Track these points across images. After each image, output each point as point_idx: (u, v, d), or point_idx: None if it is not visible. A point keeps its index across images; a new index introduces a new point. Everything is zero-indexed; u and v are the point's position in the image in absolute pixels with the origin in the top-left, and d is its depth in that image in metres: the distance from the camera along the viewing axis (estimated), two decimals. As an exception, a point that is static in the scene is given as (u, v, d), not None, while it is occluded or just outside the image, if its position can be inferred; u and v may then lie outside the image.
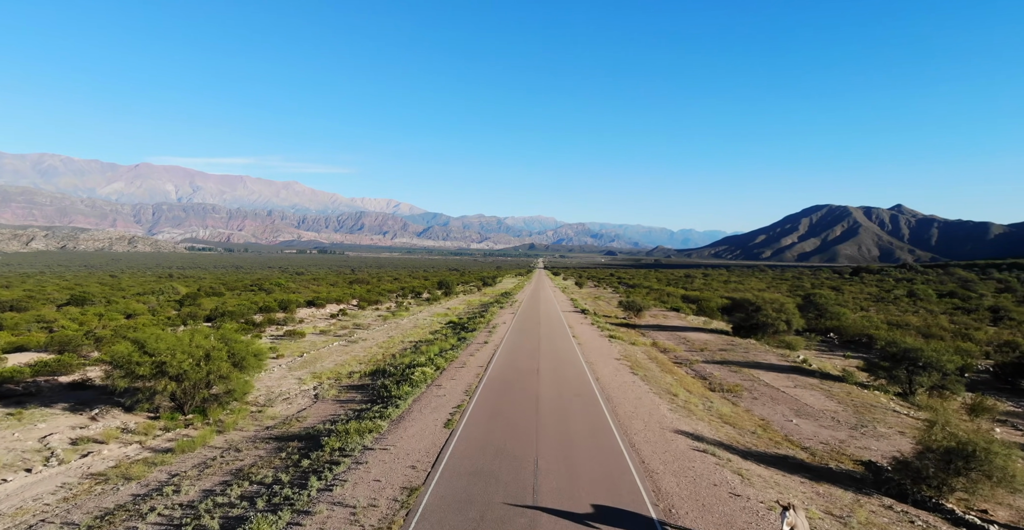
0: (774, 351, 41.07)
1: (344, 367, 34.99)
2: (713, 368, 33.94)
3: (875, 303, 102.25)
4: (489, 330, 47.56)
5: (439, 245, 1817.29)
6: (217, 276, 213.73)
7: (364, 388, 27.87)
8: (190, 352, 22.41)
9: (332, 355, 39.73)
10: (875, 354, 52.68)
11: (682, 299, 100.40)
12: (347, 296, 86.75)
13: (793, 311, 48.29)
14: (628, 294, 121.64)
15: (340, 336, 49.74)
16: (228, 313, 55.51)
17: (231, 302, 79.80)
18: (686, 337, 48.40)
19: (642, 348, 40.69)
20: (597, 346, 38.82)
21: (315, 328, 54.54)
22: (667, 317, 66.71)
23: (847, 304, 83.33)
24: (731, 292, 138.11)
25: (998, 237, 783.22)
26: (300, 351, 40.81)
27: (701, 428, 19.81)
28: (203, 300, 77.31)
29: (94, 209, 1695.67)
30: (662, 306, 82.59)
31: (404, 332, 53.25)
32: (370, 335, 50.69)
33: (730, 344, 44.38)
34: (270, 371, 33.07)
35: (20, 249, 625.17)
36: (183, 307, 73.58)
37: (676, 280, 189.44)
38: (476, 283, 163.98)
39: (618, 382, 26.38)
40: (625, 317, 65.72)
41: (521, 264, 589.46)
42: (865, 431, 21.58)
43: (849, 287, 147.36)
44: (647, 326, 57.67)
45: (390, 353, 40.89)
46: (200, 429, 21.65)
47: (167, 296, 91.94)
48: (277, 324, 57.64)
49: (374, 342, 46.37)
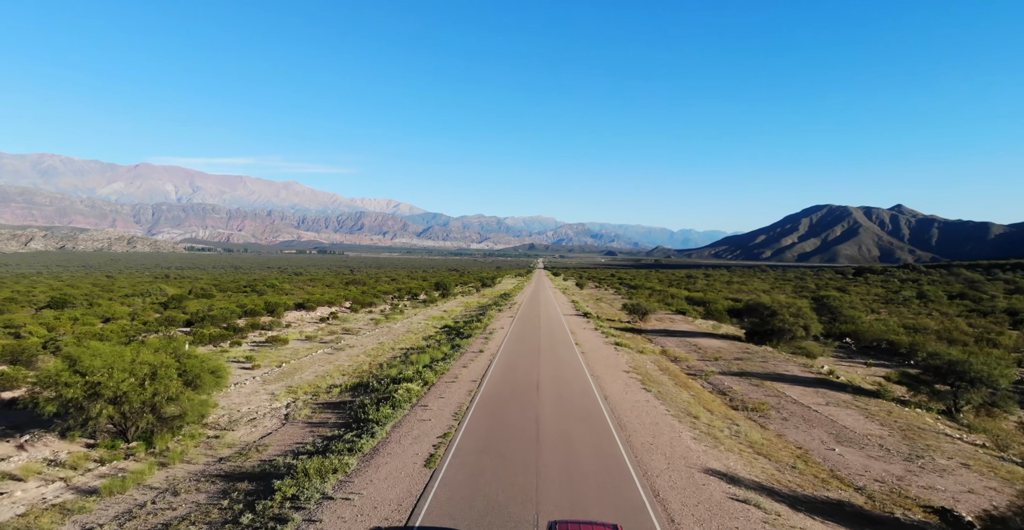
0: (794, 360, 37.82)
1: (324, 380, 31.76)
2: (732, 381, 30.70)
3: (885, 305, 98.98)
4: (486, 336, 44.35)
5: (439, 245, 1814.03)
6: (214, 277, 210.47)
7: (342, 407, 24.65)
8: (132, 370, 19.17)
9: (314, 365, 36.49)
10: (898, 362, 49.61)
11: (687, 301, 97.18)
12: (340, 298, 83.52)
13: (811, 316, 45.07)
14: (631, 295, 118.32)
15: (326, 343, 46.49)
16: (209, 318, 52.27)
17: (219, 304, 76.70)
18: (697, 344, 45.16)
19: (651, 357, 37.44)
20: (603, 355, 35.59)
21: (301, 333, 51.31)
22: (674, 321, 63.46)
23: (857, 306, 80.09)
24: (735, 293, 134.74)
25: (998, 237, 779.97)
26: (280, 360, 37.57)
27: (733, 463, 16.58)
28: (189, 302, 74.09)
29: (94, 209, 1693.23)
30: (667, 309, 79.35)
31: (396, 338, 50.01)
32: (359, 342, 47.45)
33: (745, 352, 41.14)
34: (241, 385, 29.84)
35: (19, 249, 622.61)
36: (167, 310, 70.46)
37: (678, 281, 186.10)
38: (475, 284, 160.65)
39: (630, 401, 23.14)
40: (629, 321, 62.52)
41: (521, 264, 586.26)
42: (923, 464, 18.35)
43: (855, 288, 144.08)
44: (653, 331, 54.42)
45: (378, 362, 37.68)
46: (141, 461, 18.43)
47: (153, 298, 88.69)
48: (262, 329, 54.45)
49: (362, 350, 43.14)
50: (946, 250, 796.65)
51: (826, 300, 65.23)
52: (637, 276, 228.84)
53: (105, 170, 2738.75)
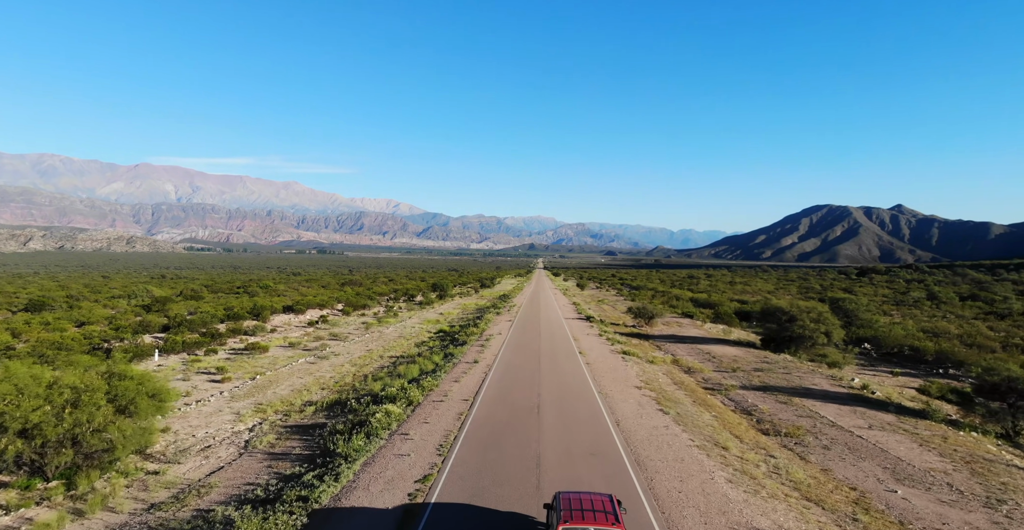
0: (819, 371, 34.49)
1: (300, 395, 28.44)
2: (755, 397, 27.38)
3: (895, 307, 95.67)
4: (482, 343, 41.05)
5: (439, 245, 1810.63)
6: (210, 277, 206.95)
7: (312, 431, 21.34)
8: (48, 396, 15.87)
9: (292, 377, 33.17)
10: (925, 370, 46.23)
11: (692, 303, 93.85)
12: (332, 300, 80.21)
13: (833, 321, 41.74)
14: (634, 297, 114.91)
15: (310, 350, 43.16)
16: (186, 323, 48.94)
17: (205, 307, 73.55)
18: (710, 351, 41.83)
19: (663, 368, 34.12)
20: (609, 366, 32.26)
21: (285, 339, 47.97)
22: (681, 325, 60.13)
23: (872, 309, 76.68)
24: (739, 294, 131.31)
25: (999, 237, 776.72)
26: (255, 371, 34.24)
27: (783, 517, 13.27)
28: (173, 305, 70.88)
29: (93, 209, 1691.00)
30: (673, 312, 76.00)
31: (386, 344, 46.69)
32: (346, 349, 44.11)
33: (764, 361, 37.82)
34: (204, 403, 26.52)
35: (18, 249, 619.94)
36: (148, 313, 67.29)
37: (680, 281, 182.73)
38: (474, 285, 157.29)
39: (646, 428, 19.81)
40: (635, 325, 59.22)
41: (521, 264, 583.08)
42: (1009, 511, 15.04)
43: (861, 289, 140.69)
44: (661, 336, 51.11)
45: (363, 374, 34.37)
46: (56, 508, 15.12)
47: (139, 300, 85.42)
48: (245, 334, 51.17)
49: (348, 358, 39.82)
50: (946, 250, 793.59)
51: (841, 303, 61.91)
52: (638, 276, 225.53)
53: (105, 170, 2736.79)
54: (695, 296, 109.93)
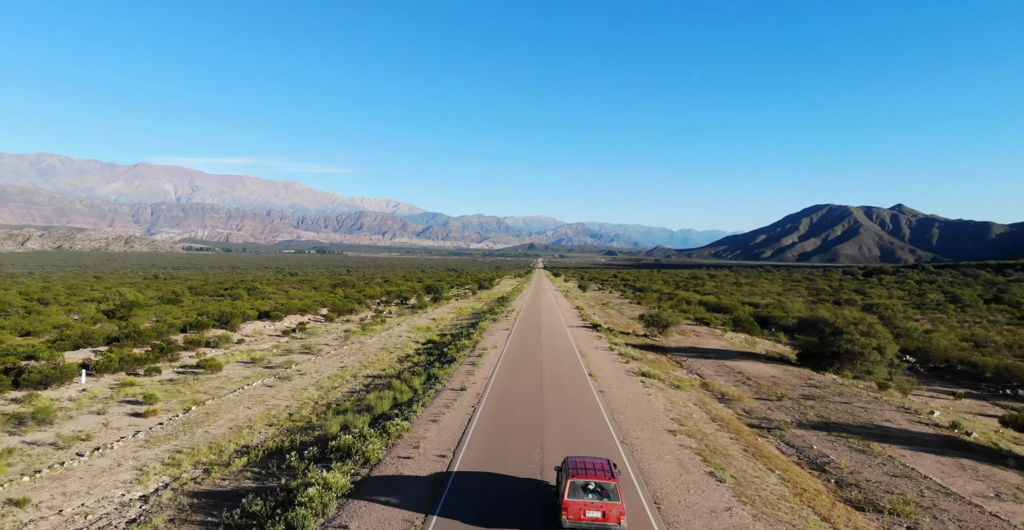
0: (884, 399, 28.27)
1: (237, 437, 22.27)
2: (821, 442, 21.21)
3: (918, 311, 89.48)
4: (473, 360, 34.87)
5: (438, 245, 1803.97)
6: (205, 277, 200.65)
7: (234, 499, 15.24)
8: None
9: (239, 406, 27.00)
10: (988, 390, 40.04)
11: (703, 307, 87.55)
12: (316, 305, 74.04)
13: (885, 334, 35.56)
14: (639, 299, 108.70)
15: (273, 368, 36.95)
16: (136, 334, 42.70)
17: (176, 312, 67.75)
18: (741, 369, 35.64)
19: (692, 395, 27.94)
20: (629, 396, 26.07)
21: (248, 353, 41.75)
22: (699, 335, 53.90)
23: (910, 316, 70.36)
24: (747, 296, 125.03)
25: (999, 237, 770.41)
26: (194, 399, 28.05)
27: None
28: (139, 311, 64.90)
29: (92, 209, 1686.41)
30: (685, 317, 69.65)
31: (365, 359, 40.51)
32: (316, 366, 37.92)
33: (810, 384, 31.63)
34: (105, 451, 20.31)
35: (15, 249, 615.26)
36: (111, 319, 61.25)
37: (684, 282, 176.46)
38: (471, 286, 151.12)
39: (702, 515, 13.58)
40: (647, 334, 53.03)
41: (520, 264, 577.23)
42: None
43: (872, 290, 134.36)
44: (679, 349, 44.92)
45: (326, 401, 28.22)
46: None
47: (110, 303, 79.28)
48: (208, 345, 45.03)
49: (314, 379, 33.63)
50: (947, 250, 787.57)
51: (878, 309, 55.74)
52: (640, 277, 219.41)
53: (104, 170, 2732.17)
54: (703, 298, 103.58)
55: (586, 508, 11.76)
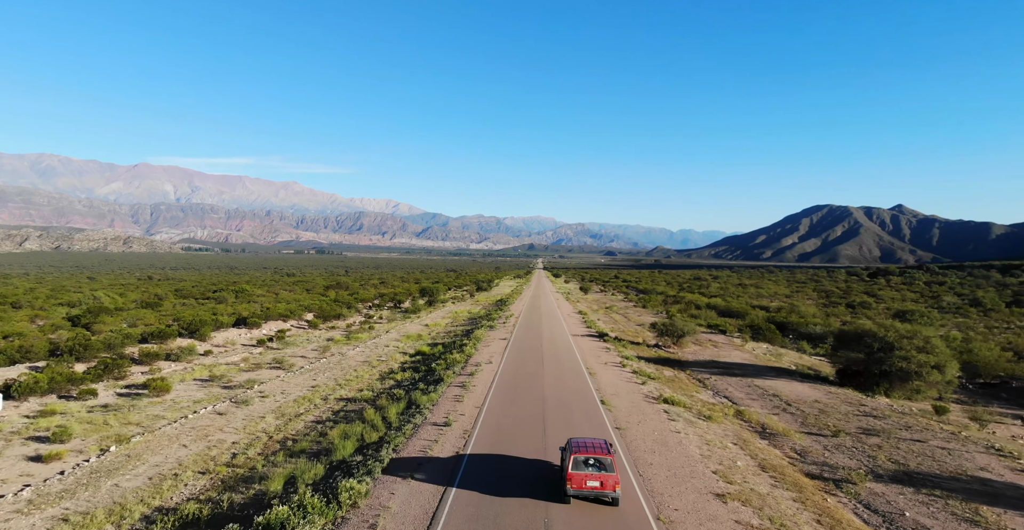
0: (964, 435, 23.19)
1: (151, 495, 17.22)
2: (909, 503, 16.21)
3: (939, 314, 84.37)
4: (464, 379, 29.85)
5: (438, 245, 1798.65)
6: (201, 278, 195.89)
7: None
8: None
9: (172, 444, 21.95)
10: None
11: (714, 311, 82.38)
12: (300, 309, 69.00)
13: (943, 350, 30.50)
14: (644, 302, 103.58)
15: (232, 387, 31.90)
16: (82, 347, 37.61)
17: (149, 318, 62.97)
18: (776, 391, 30.59)
19: (726, 428, 22.90)
20: (653, 434, 21.02)
21: (209, 369, 36.66)
22: (717, 345, 48.77)
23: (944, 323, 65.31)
24: (754, 298, 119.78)
25: (1000, 237, 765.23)
26: (118, 435, 22.99)
27: None
28: (106, 317, 59.86)
29: (92, 209, 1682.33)
30: (697, 323, 64.36)
31: (341, 377, 35.44)
32: (283, 385, 32.85)
33: (863, 411, 26.59)
34: (-36, 520, 15.33)
35: (13, 249, 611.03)
36: (76, 326, 56.32)
37: (687, 283, 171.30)
38: (469, 287, 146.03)
39: None
40: (658, 343, 47.94)
41: (520, 264, 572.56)
42: None
43: (882, 292, 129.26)
44: (697, 363, 39.86)
45: (280, 438, 23.20)
46: None
47: (82, 307, 74.17)
48: (169, 358, 40.04)
49: (276, 404, 28.58)
50: (947, 250, 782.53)
51: (910, 316, 50.77)
52: (642, 278, 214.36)
53: (104, 170, 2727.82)
54: (711, 301, 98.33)
55: (587, 479, 13.59)
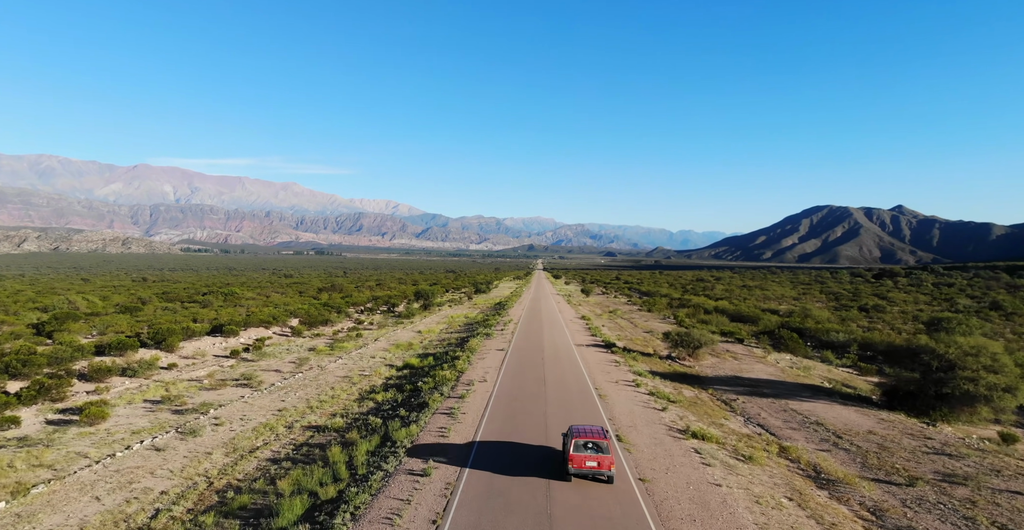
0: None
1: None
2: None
3: (978, 321, 79.70)
4: (453, 404, 25.43)
5: (438, 246, 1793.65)
6: (196, 279, 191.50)
7: None
8: None
9: (83, 497, 17.52)
10: None
11: (721, 315, 77.71)
12: (285, 315, 64.55)
13: (1012, 369, 26.08)
14: (649, 306, 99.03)
15: (184, 412, 27.49)
16: (20, 362, 33.16)
17: (122, 324, 58.74)
18: (817, 417, 26.14)
19: (773, 473, 18.45)
20: (688, 490, 16.57)
21: (164, 388, 32.19)
22: (736, 356, 44.26)
23: (985, 331, 60.65)
24: (761, 301, 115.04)
25: (1000, 238, 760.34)
26: (17, 483, 18.56)
27: None
28: (73, 324, 55.60)
29: (91, 210, 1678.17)
30: (708, 329, 59.78)
31: (314, 397, 30.98)
32: (245, 408, 28.40)
33: (930, 447, 22.12)
34: None
35: (11, 250, 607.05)
36: (37, 335, 52.13)
37: (691, 285, 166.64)
38: (468, 289, 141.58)
39: None
40: (671, 354, 43.50)
41: (520, 265, 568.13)
42: None
43: (893, 294, 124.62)
44: (718, 379, 35.40)
45: (223, 484, 18.78)
46: None
47: (57, 311, 69.66)
48: (125, 374, 35.61)
49: (229, 435, 24.16)
50: (947, 251, 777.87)
51: (946, 324, 46.37)
52: (644, 280, 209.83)
53: (103, 171, 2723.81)
54: (718, 305, 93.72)
55: (586, 459, 16.19)
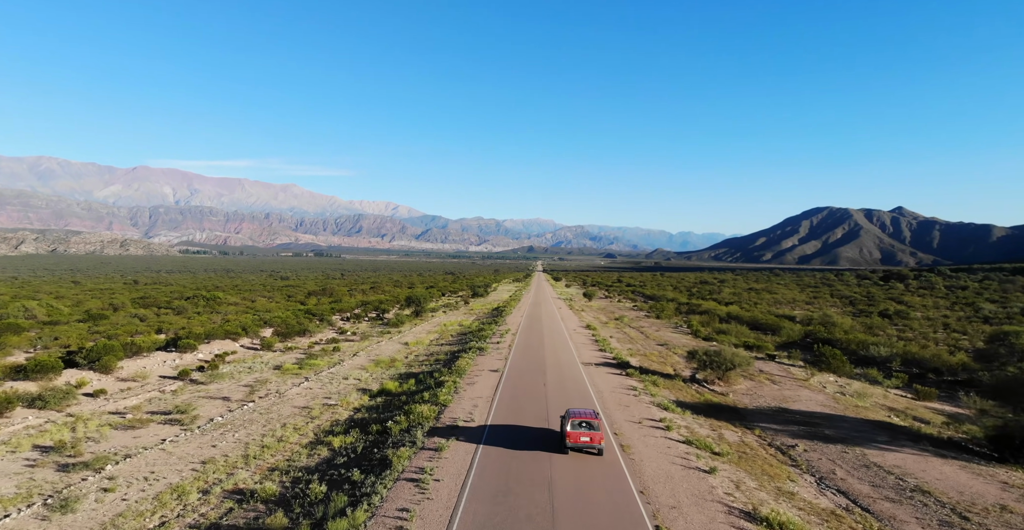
0: None
1: None
2: None
3: (985, 325, 73.05)
4: (427, 459, 18.87)
5: (437, 247, 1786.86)
6: (191, 281, 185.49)
7: None
8: None
9: None
10: None
11: (742, 324, 70.90)
12: (256, 325, 57.92)
13: None
14: (658, 313, 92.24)
15: (68, 470, 20.80)
16: None
17: (71, 336, 52.51)
18: (915, 475, 19.51)
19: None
20: None
21: (68, 428, 25.56)
22: (773, 377, 37.53)
23: None
24: (772, 305, 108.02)
25: (1000, 239, 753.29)
26: None
27: None
28: (12, 337, 49.19)
29: (90, 212, 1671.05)
30: (729, 339, 53.13)
31: (256, 441, 24.35)
32: (159, 459, 21.78)
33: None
34: None
35: (9, 252, 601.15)
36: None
37: (696, 288, 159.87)
38: (465, 293, 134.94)
39: None
40: (695, 376, 36.84)
41: (519, 267, 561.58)
42: None
43: (908, 298, 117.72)
44: (760, 412, 28.75)
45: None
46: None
47: (11, 319, 63.17)
48: (34, 404, 29.01)
49: (114, 511, 17.53)
50: (948, 252, 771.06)
51: (1013, 339, 39.87)
52: (646, 282, 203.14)
53: (102, 173, 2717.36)
54: (729, 310, 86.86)
55: (580, 435, 19.49)
